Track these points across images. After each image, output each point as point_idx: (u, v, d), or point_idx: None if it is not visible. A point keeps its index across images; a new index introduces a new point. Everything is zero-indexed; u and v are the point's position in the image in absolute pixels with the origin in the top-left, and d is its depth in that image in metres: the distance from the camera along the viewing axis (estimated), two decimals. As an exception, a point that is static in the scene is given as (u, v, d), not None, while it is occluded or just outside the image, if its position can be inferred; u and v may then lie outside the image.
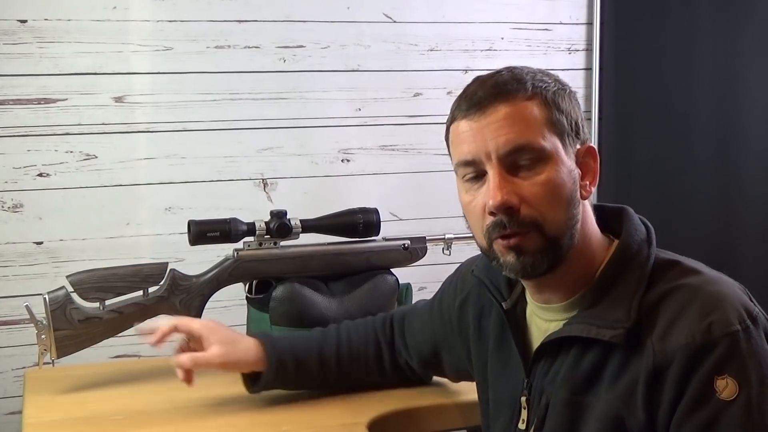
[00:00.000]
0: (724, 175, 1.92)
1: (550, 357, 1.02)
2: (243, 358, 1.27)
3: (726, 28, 1.92)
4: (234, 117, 1.97)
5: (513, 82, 0.97)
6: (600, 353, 0.97)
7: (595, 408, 0.97)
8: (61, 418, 1.30)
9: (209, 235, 1.44)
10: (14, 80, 1.82)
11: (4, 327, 1.86)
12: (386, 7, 2.07)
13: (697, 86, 1.99)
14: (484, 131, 0.96)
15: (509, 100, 0.96)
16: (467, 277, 1.20)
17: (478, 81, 1.00)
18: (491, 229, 0.97)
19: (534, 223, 0.96)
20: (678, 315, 0.92)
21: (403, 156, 2.11)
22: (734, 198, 1.90)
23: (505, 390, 1.10)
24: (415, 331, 1.33)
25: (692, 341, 0.89)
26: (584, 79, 2.27)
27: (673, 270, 0.98)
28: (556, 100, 0.98)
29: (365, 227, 1.51)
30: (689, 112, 2.01)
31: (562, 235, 0.97)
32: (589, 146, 1.02)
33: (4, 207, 1.84)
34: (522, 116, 0.96)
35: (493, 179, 0.96)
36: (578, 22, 2.25)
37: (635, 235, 1.01)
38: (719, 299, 0.92)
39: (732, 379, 0.88)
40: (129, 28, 1.88)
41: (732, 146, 1.91)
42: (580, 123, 1.00)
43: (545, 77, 1.00)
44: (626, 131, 2.22)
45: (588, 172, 1.02)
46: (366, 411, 1.31)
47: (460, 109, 0.99)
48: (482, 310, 1.17)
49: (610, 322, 0.95)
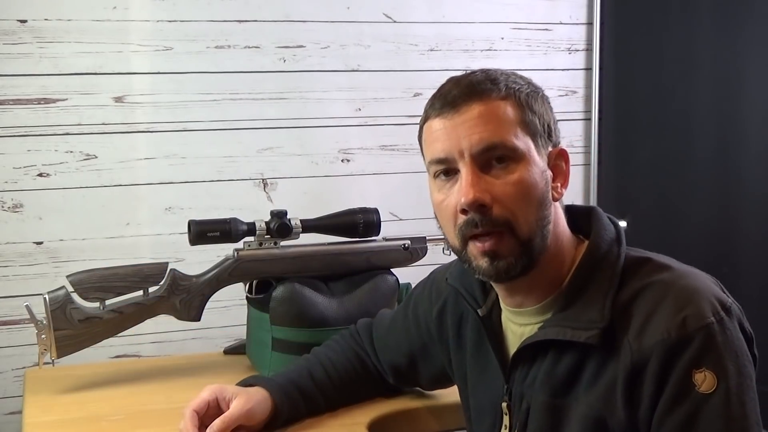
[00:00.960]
0: (724, 175, 1.92)
1: (528, 362, 1.03)
2: (255, 395, 1.22)
3: (726, 29, 1.92)
4: (234, 117, 1.97)
5: (487, 82, 0.98)
6: (577, 355, 0.97)
7: (576, 410, 0.97)
8: (61, 418, 1.30)
9: (209, 235, 1.44)
10: (14, 80, 1.82)
11: (4, 327, 1.86)
12: (386, 7, 2.07)
13: (697, 86, 1.99)
14: (457, 129, 0.97)
15: (483, 99, 0.97)
16: (442, 285, 1.20)
17: (453, 81, 1.01)
18: (463, 227, 0.97)
19: (506, 223, 0.96)
20: (652, 311, 0.93)
21: (403, 156, 2.10)
22: (734, 197, 1.90)
23: (485, 396, 1.11)
24: (388, 343, 1.32)
25: (668, 337, 0.90)
26: (584, 79, 2.27)
27: (644, 267, 0.98)
28: (529, 101, 0.99)
29: (365, 227, 1.51)
30: (689, 112, 2.01)
31: (534, 236, 0.97)
32: (561, 149, 1.02)
33: (4, 207, 1.84)
34: (495, 115, 0.96)
35: (465, 177, 0.96)
36: (578, 22, 2.25)
37: (605, 235, 1.01)
38: (692, 293, 0.93)
39: (710, 372, 0.89)
40: (129, 28, 1.88)
41: (732, 146, 1.91)
42: (552, 126, 1.01)
43: (519, 79, 1.01)
44: (626, 131, 2.22)
45: (559, 175, 1.02)
46: (366, 412, 1.31)
47: (433, 107, 1.00)
48: (461, 318, 1.17)
49: (585, 323, 0.96)
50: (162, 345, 1.93)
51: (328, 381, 1.30)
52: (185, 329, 1.88)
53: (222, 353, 1.62)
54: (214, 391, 1.19)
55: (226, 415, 1.17)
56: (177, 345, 1.93)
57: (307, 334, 1.43)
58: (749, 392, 0.90)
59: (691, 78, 2.02)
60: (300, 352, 1.40)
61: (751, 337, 0.95)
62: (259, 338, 1.47)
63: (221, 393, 1.19)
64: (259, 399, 1.21)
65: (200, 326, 1.60)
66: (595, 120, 2.26)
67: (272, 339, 1.45)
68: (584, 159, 2.29)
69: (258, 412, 1.20)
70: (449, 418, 1.34)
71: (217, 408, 1.19)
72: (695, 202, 2.01)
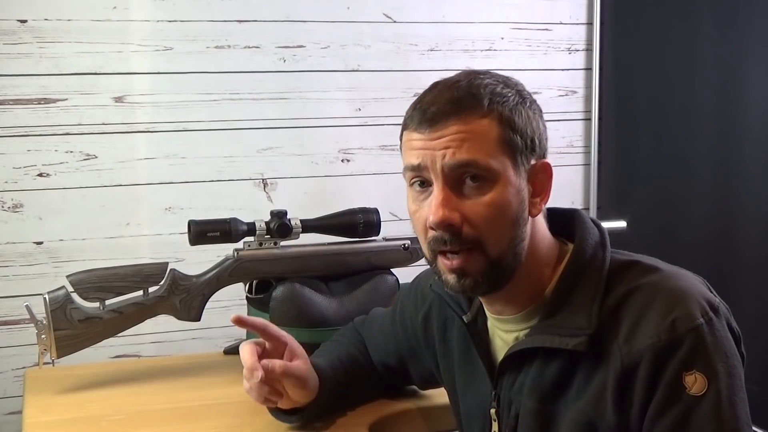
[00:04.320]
0: (724, 175, 1.92)
1: (516, 368, 1.02)
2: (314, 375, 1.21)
3: (726, 29, 1.92)
4: (234, 117, 1.97)
5: (469, 97, 0.95)
6: (565, 361, 0.96)
7: (565, 416, 0.97)
8: (61, 418, 1.30)
9: (209, 235, 1.44)
10: (14, 80, 1.82)
11: (4, 327, 1.86)
12: (386, 7, 2.07)
13: (697, 86, 1.98)
14: (432, 144, 0.95)
15: (462, 117, 0.94)
16: (426, 290, 1.19)
17: (435, 91, 0.98)
18: (432, 242, 0.97)
19: (475, 242, 0.95)
20: (641, 315, 0.92)
21: (403, 156, 2.10)
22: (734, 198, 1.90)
23: (474, 402, 1.10)
24: (378, 344, 1.32)
25: (658, 340, 0.90)
26: (584, 79, 2.27)
27: (631, 271, 0.97)
28: (513, 117, 0.96)
29: (365, 227, 1.51)
30: (689, 112, 2.01)
31: (503, 255, 0.96)
32: (544, 162, 0.99)
33: (4, 207, 1.84)
34: (473, 134, 0.94)
35: (436, 196, 0.95)
36: (578, 22, 2.25)
37: (589, 239, 1.00)
38: (680, 294, 0.92)
39: (700, 374, 0.89)
40: (129, 28, 1.88)
41: (732, 146, 1.91)
42: (536, 138, 0.98)
43: (506, 89, 0.97)
44: (626, 131, 2.22)
45: (540, 189, 0.99)
46: (366, 412, 1.31)
47: (412, 119, 0.97)
48: (445, 323, 1.16)
49: (572, 330, 0.95)
50: (162, 345, 1.93)
51: (352, 375, 1.30)
52: (185, 329, 1.88)
53: (222, 353, 1.62)
54: (289, 338, 1.20)
55: (289, 365, 1.16)
56: (177, 345, 1.93)
57: (307, 334, 1.43)
58: (739, 393, 0.90)
59: (691, 78, 2.02)
60: (300, 352, 1.40)
61: (739, 337, 0.94)
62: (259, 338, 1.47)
63: (293, 343, 1.20)
64: (314, 380, 1.21)
65: (200, 326, 1.60)
66: (595, 120, 2.26)
67: (272, 339, 1.45)
68: (584, 159, 2.29)
69: (309, 389, 1.20)
70: (449, 419, 1.34)
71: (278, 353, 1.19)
72: (695, 202, 2.01)
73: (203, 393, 1.40)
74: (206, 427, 1.27)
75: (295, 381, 1.17)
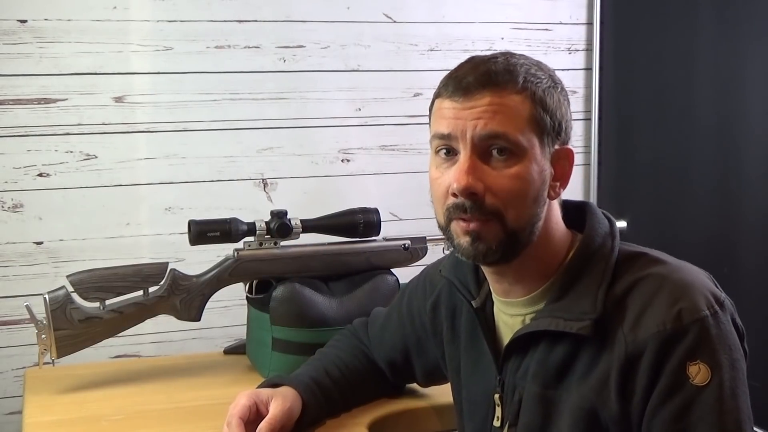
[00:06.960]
0: (724, 175, 1.92)
1: (521, 353, 1.03)
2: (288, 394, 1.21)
3: (726, 29, 1.92)
4: (234, 117, 1.97)
5: (505, 73, 0.97)
6: (570, 346, 0.97)
7: (567, 401, 0.97)
8: (61, 418, 1.30)
9: (209, 235, 1.44)
10: (14, 80, 1.82)
11: (4, 327, 1.86)
12: (386, 7, 2.07)
13: (698, 86, 1.98)
14: (465, 113, 0.96)
15: (497, 90, 0.96)
16: (435, 278, 1.20)
17: (472, 63, 1.00)
18: (451, 209, 0.98)
19: (496, 213, 0.96)
20: (647, 304, 0.93)
21: (403, 156, 2.10)
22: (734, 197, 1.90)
23: (478, 388, 1.11)
24: (383, 341, 1.32)
25: (663, 329, 0.91)
26: (584, 79, 2.27)
27: (638, 261, 0.99)
28: (545, 98, 0.98)
29: (365, 227, 1.51)
30: (689, 112, 2.01)
31: (521, 230, 0.97)
32: (568, 149, 1.01)
33: (4, 207, 1.84)
34: (506, 108, 0.96)
35: (462, 162, 0.96)
36: (578, 22, 2.25)
37: (598, 228, 1.02)
38: (687, 286, 0.93)
39: (704, 365, 0.90)
40: (129, 28, 1.88)
41: (732, 146, 1.91)
42: (563, 123, 1.00)
43: (539, 71, 1.00)
44: (626, 131, 2.22)
45: (561, 174, 1.01)
46: (366, 412, 1.31)
47: (446, 88, 0.99)
48: (455, 310, 1.17)
49: (577, 314, 0.96)
50: (162, 345, 1.93)
51: (344, 380, 1.29)
52: (185, 329, 1.88)
53: (222, 353, 1.62)
54: (250, 396, 1.19)
55: (270, 418, 1.16)
56: (177, 345, 1.93)
57: (307, 334, 1.43)
58: (741, 386, 0.91)
59: (691, 78, 2.02)
60: (300, 352, 1.40)
61: (743, 333, 0.95)
62: (259, 338, 1.47)
63: (258, 397, 1.19)
64: (292, 398, 1.21)
65: (200, 326, 1.60)
66: (595, 120, 2.26)
67: (272, 339, 1.45)
68: (584, 159, 2.29)
69: (295, 410, 1.20)
70: (449, 418, 1.34)
71: (256, 413, 1.18)
72: (695, 201, 2.01)
73: (203, 393, 1.40)
74: (206, 427, 1.27)
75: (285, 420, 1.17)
